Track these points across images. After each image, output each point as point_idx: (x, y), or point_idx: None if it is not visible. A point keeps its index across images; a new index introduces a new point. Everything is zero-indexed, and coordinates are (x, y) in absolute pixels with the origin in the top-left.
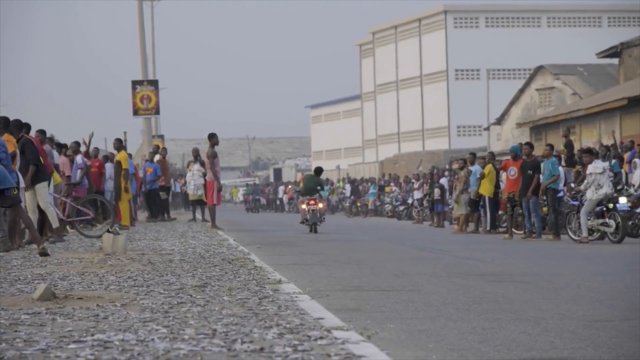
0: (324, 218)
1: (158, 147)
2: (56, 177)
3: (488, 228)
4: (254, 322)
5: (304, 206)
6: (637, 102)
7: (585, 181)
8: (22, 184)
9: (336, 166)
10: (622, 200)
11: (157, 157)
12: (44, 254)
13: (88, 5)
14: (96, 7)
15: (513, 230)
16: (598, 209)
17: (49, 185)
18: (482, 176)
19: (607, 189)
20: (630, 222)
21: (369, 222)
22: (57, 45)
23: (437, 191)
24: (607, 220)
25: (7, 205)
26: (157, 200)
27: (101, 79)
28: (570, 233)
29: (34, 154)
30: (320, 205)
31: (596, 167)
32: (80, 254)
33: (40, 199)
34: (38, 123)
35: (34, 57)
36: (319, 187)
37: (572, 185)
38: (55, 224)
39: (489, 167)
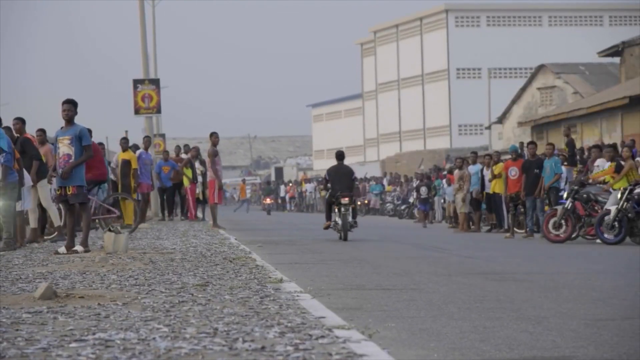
0: (272, 207)
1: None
2: None
3: (506, 227)
4: (255, 321)
5: (263, 201)
6: (639, 101)
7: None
8: (28, 183)
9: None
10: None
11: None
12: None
13: (90, 4)
14: (98, 5)
15: (514, 229)
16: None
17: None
18: (495, 176)
19: None
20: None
21: (369, 221)
22: (59, 44)
23: (424, 189)
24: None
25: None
26: (171, 199)
27: (103, 78)
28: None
29: (35, 149)
30: (272, 201)
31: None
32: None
33: (42, 196)
34: (39, 122)
35: (36, 56)
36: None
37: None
38: (57, 222)
39: (501, 165)
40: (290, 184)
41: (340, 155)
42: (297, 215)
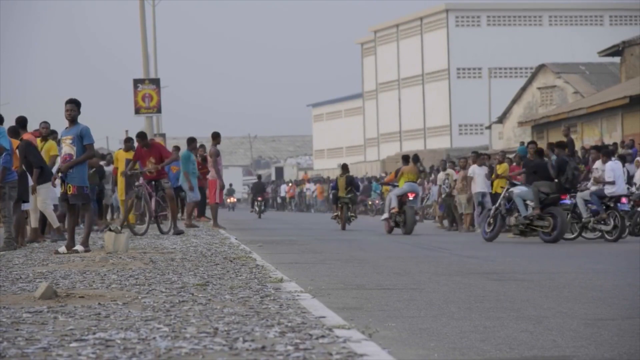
0: (235, 206)
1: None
2: None
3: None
4: (255, 321)
5: (228, 200)
6: (639, 100)
7: (593, 176)
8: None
9: (338, 165)
10: (623, 199)
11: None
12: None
13: (91, 3)
14: (99, 5)
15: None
16: (595, 208)
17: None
18: (497, 176)
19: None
20: (629, 223)
21: (369, 220)
22: (59, 43)
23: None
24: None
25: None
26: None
27: (103, 77)
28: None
29: (36, 156)
30: (235, 200)
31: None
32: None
33: (39, 199)
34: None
35: (37, 55)
36: (234, 192)
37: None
38: (55, 224)
39: (504, 166)
40: (290, 184)
41: (259, 177)
42: (297, 215)
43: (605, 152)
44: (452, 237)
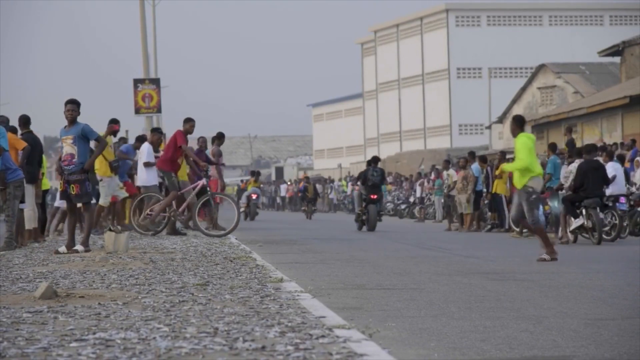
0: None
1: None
2: (45, 182)
3: (507, 227)
4: (255, 321)
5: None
6: (639, 100)
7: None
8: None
9: (338, 165)
10: (622, 199)
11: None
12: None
13: (91, 3)
14: (100, 5)
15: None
16: None
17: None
18: (497, 176)
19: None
20: (625, 223)
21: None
22: (59, 43)
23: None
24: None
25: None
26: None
27: (103, 77)
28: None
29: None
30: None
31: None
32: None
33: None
34: (39, 121)
35: (37, 55)
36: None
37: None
38: (28, 225)
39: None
40: (290, 183)
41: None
42: (297, 215)
43: (608, 152)
44: (452, 237)
